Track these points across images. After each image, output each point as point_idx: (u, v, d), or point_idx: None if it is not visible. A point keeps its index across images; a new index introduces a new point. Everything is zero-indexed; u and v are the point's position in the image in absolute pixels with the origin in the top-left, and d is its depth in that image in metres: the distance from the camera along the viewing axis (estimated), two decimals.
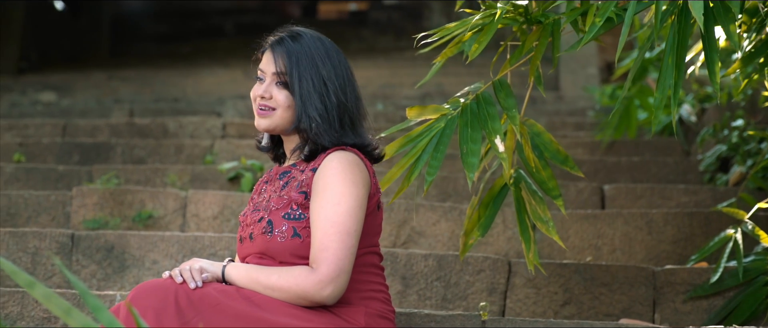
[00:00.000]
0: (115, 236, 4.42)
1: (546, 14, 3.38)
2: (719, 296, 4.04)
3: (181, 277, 2.84)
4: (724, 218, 4.66)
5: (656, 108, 3.16)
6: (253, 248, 2.99)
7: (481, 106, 3.40)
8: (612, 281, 4.10)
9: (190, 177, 5.58)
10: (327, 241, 2.84)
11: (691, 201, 5.23)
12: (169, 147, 6.31)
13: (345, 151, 2.97)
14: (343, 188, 2.88)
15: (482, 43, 3.31)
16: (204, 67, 11.60)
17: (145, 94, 9.98)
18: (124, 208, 5.02)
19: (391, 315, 3.00)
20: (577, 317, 4.09)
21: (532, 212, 3.60)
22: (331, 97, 2.98)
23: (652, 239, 4.69)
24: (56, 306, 2.04)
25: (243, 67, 11.39)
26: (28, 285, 2.03)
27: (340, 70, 3.03)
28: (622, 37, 2.96)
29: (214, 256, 4.34)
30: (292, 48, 3.00)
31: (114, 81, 10.91)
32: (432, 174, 3.31)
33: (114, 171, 5.54)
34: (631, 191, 5.32)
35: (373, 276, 3.00)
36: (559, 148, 3.71)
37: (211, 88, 10.17)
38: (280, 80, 3.02)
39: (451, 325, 3.51)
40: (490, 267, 4.16)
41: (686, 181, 5.84)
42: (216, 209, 4.96)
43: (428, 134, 3.40)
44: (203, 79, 10.64)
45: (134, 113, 8.33)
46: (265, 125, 3.06)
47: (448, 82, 10.26)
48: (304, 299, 2.84)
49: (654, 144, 6.64)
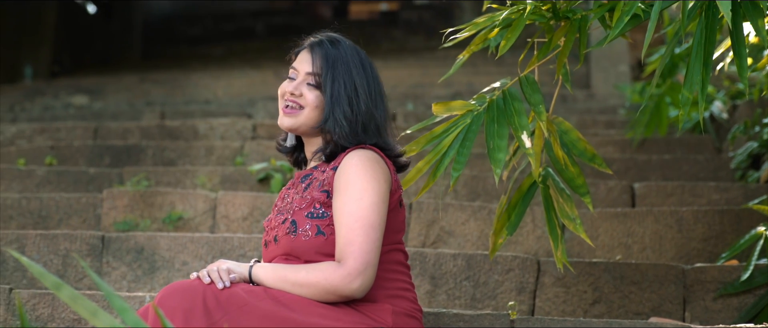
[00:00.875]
0: (145, 238, 4.44)
1: (573, 10, 3.37)
2: (750, 294, 4.01)
3: (208, 278, 2.85)
4: (756, 216, 4.63)
5: (683, 105, 3.15)
6: (278, 250, 3.00)
7: (508, 102, 3.39)
8: (642, 279, 4.08)
9: (220, 178, 5.60)
10: (352, 235, 2.86)
11: (722, 198, 5.20)
12: (200, 149, 6.34)
13: (364, 149, 3.00)
14: (364, 183, 2.91)
15: (510, 39, 3.30)
16: (235, 69, 11.64)
17: (177, 96, 10.02)
18: (154, 210, 5.05)
19: (419, 314, 3.01)
20: (607, 315, 4.07)
21: (560, 210, 3.59)
22: (360, 105, 3.02)
23: (683, 237, 4.66)
24: (83, 308, 2.05)
25: (274, 69, 11.42)
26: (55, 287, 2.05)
27: (372, 82, 3.07)
28: (648, 33, 2.94)
29: (243, 257, 4.35)
30: (330, 51, 3.05)
31: (146, 83, 10.97)
32: (458, 170, 3.30)
33: (144, 173, 5.57)
34: (661, 189, 5.29)
35: (399, 274, 3.00)
36: (587, 145, 3.69)
37: (242, 90, 10.20)
38: (313, 81, 3.05)
39: (480, 324, 3.50)
40: (519, 266, 4.15)
41: (717, 178, 5.80)
42: (246, 210, 4.97)
43: (454, 130, 3.40)
44: (234, 81, 10.67)
45: (165, 115, 8.37)
46: (289, 124, 3.09)
47: (478, 81, 10.24)
48: (333, 294, 2.85)
49: (685, 141, 6.60)
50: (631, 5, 3.03)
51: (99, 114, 8.59)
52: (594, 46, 3.30)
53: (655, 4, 2.95)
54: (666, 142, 6.58)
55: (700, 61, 3.04)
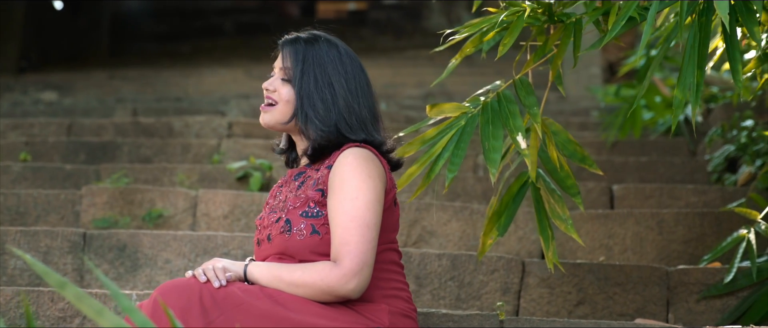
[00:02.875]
0: (128, 235, 4.41)
1: (567, 14, 3.39)
2: (733, 296, 4.04)
3: (204, 276, 2.83)
4: (735, 218, 4.66)
5: (676, 107, 3.17)
6: (272, 249, 2.99)
7: (502, 104, 3.40)
8: (626, 280, 4.10)
9: (198, 176, 5.57)
10: (347, 235, 2.85)
11: (700, 201, 5.23)
12: (176, 146, 6.31)
13: (359, 148, 2.98)
14: (359, 182, 2.90)
15: (508, 42, 3.31)
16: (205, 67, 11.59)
17: (147, 93, 9.97)
18: (134, 207, 5.02)
19: (414, 314, 3.01)
20: (591, 316, 4.09)
21: (551, 211, 3.60)
22: (337, 100, 3.00)
23: (663, 239, 4.69)
24: (88, 307, 2.03)
25: (245, 67, 11.39)
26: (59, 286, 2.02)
27: (353, 76, 3.05)
28: (644, 35, 2.96)
29: (227, 255, 4.34)
30: (301, 47, 3.05)
31: (115, 80, 10.90)
32: (453, 172, 3.31)
33: (124, 170, 5.53)
34: (640, 190, 5.32)
35: (394, 274, 3.00)
36: (577, 147, 3.72)
37: (213, 88, 10.16)
38: (284, 76, 3.04)
39: (469, 324, 3.51)
40: (504, 267, 4.16)
41: (694, 181, 5.84)
42: (226, 209, 4.95)
43: (448, 132, 3.40)
44: (205, 79, 10.63)
45: (138, 112, 8.32)
46: (265, 120, 3.10)
47: (451, 81, 10.27)
48: (329, 294, 2.84)
49: (660, 144, 6.65)
50: (627, 7, 3.05)
51: (70, 110, 8.53)
52: (588, 49, 3.31)
53: (652, 7, 2.97)
54: (641, 145, 6.62)
55: (694, 64, 3.06)
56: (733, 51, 3.06)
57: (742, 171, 5.46)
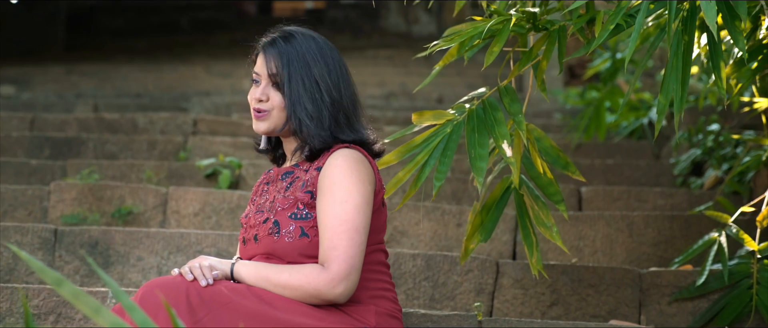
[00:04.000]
0: (99, 232, 4.38)
1: (551, 21, 3.41)
2: (704, 299, 4.08)
3: (191, 274, 2.82)
4: (704, 221, 4.72)
5: (659, 113, 3.20)
6: (259, 249, 2.97)
7: (488, 111, 3.41)
8: (599, 282, 4.13)
9: (166, 173, 5.54)
10: (336, 239, 2.84)
11: (667, 204, 5.29)
12: (142, 143, 6.27)
13: (349, 149, 2.97)
14: (349, 185, 2.88)
15: (495, 50, 3.32)
16: (164, 63, 11.52)
17: (106, 88, 9.89)
18: (104, 203, 4.98)
19: (399, 314, 3.01)
20: (565, 317, 4.12)
21: (535, 217, 3.62)
22: (324, 97, 2.97)
23: (633, 241, 4.73)
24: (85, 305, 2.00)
25: (204, 64, 11.34)
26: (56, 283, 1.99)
27: (334, 67, 3.01)
28: (631, 42, 2.98)
29: (200, 253, 4.32)
30: (283, 49, 2.99)
31: (73, 75, 10.80)
32: (440, 179, 3.31)
33: (93, 166, 5.49)
34: (608, 193, 5.37)
35: (380, 274, 3.00)
36: (560, 153, 3.74)
37: (172, 84, 10.10)
38: (275, 81, 3.01)
39: (448, 324, 3.52)
40: (479, 268, 4.18)
41: (659, 184, 5.90)
42: (197, 206, 4.93)
43: (434, 139, 3.41)
44: (164, 75, 10.56)
45: (99, 108, 8.26)
46: (264, 128, 3.04)
47: (410, 81, 10.30)
48: (316, 298, 2.83)
49: (624, 147, 6.71)
50: (615, 14, 3.07)
51: (29, 105, 8.44)
52: (573, 55, 3.33)
53: (639, 14, 2.99)
54: (605, 147, 6.67)
55: (679, 69, 3.08)
56: (716, 58, 3.09)
57: (708, 175, 5.52)
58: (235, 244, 4.33)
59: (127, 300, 1.99)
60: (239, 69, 10.86)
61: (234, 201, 4.92)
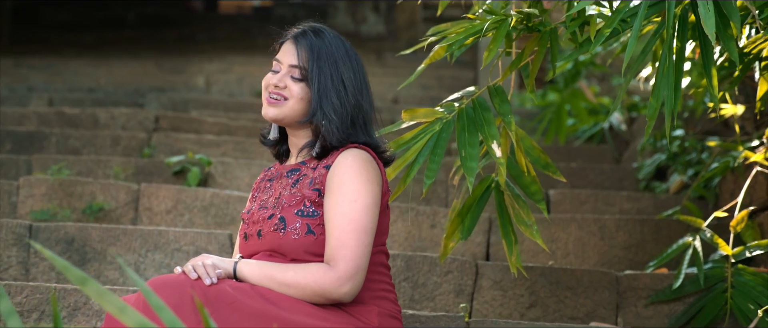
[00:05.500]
0: (76, 229, 4.33)
1: (543, 23, 3.44)
2: (679, 302, 4.15)
3: (195, 273, 2.80)
4: (674, 225, 4.79)
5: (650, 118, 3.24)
6: (263, 246, 2.97)
7: (478, 111, 3.44)
8: (576, 284, 4.18)
9: (134, 169, 5.50)
10: (344, 238, 2.85)
11: (634, 208, 5.35)
12: (105, 138, 6.21)
13: (358, 149, 2.98)
14: (358, 186, 2.89)
15: (492, 50, 3.35)
16: (114, 58, 11.39)
17: (58, 83, 9.77)
18: (74, 199, 4.93)
19: (399, 315, 3.03)
20: (543, 319, 4.15)
21: (516, 217, 3.65)
22: (349, 97, 2.99)
23: (605, 244, 4.79)
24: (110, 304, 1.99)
25: (155, 59, 11.24)
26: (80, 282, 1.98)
27: (358, 72, 3.04)
28: (628, 48, 3.02)
29: (178, 252, 4.29)
30: (314, 43, 3.01)
31: (22, 69, 10.64)
32: (431, 177, 3.33)
33: (64, 161, 5.42)
34: (575, 196, 5.42)
35: (382, 275, 3.01)
36: (541, 153, 3.78)
37: (125, 80, 10.00)
38: (298, 73, 3.02)
39: (436, 325, 3.54)
40: (458, 269, 4.20)
41: (622, 187, 5.97)
42: (169, 204, 4.90)
43: (423, 137, 3.42)
44: (116, 70, 10.44)
45: (54, 102, 8.16)
46: (274, 114, 3.04)
47: None
48: (322, 296, 2.83)
49: (585, 150, 6.77)
50: (612, 19, 3.11)
51: None
52: (567, 57, 3.37)
53: (637, 20, 3.03)
54: (567, 151, 6.73)
55: (671, 75, 3.13)
56: (708, 65, 3.14)
57: (673, 179, 5.60)
58: (214, 242, 4.31)
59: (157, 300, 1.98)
60: (191, 65, 10.79)
61: (207, 199, 4.89)
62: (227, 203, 4.88)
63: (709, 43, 3.12)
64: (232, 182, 5.47)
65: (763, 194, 4.65)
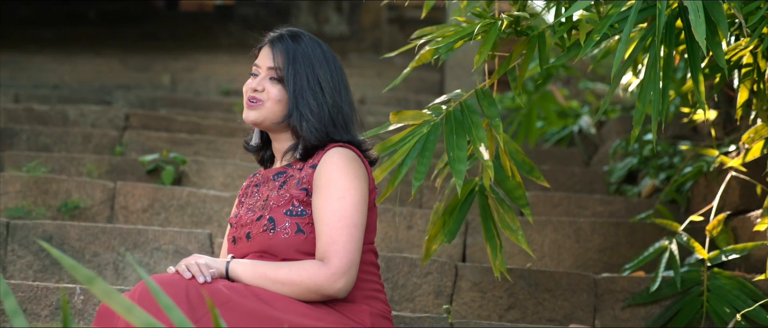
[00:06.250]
0: (54, 227, 4.31)
1: (532, 27, 3.46)
2: (656, 305, 4.19)
3: (189, 272, 2.80)
4: (648, 229, 4.84)
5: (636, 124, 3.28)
6: (252, 247, 2.98)
7: (465, 113, 3.46)
8: (555, 287, 4.21)
9: (107, 167, 5.47)
10: (335, 234, 2.87)
11: (606, 211, 5.40)
12: (77, 136, 6.16)
13: (343, 148, 3.02)
14: (346, 182, 2.93)
15: (483, 52, 3.37)
16: (78, 55, 11.31)
17: (22, 78, 9.68)
18: (49, 197, 4.89)
19: (390, 315, 3.04)
20: (522, 321, 4.18)
21: (501, 220, 3.67)
22: (325, 98, 3.04)
23: (580, 247, 4.83)
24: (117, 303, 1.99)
25: (119, 57, 11.18)
26: (87, 281, 1.98)
27: (336, 74, 3.09)
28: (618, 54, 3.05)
29: (158, 251, 4.28)
30: (290, 46, 3.06)
31: None
32: (419, 179, 3.35)
33: (40, 159, 5.38)
34: (548, 198, 5.46)
35: (372, 275, 3.03)
36: (525, 158, 3.81)
37: (89, 76, 9.93)
38: (275, 75, 3.06)
39: (420, 326, 3.56)
40: (438, 270, 4.22)
41: (593, 191, 6.02)
42: (146, 202, 4.88)
43: (411, 139, 3.44)
44: (80, 67, 10.37)
45: (20, 98, 8.09)
46: (253, 117, 3.08)
47: None
48: (316, 293, 2.85)
49: (554, 153, 6.82)
50: (603, 24, 3.14)
51: None
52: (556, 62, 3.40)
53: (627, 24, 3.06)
54: (536, 153, 6.77)
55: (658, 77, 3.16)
56: (695, 71, 3.18)
57: (644, 183, 5.66)
58: (194, 241, 4.30)
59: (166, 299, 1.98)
60: (156, 63, 10.74)
61: (183, 198, 4.88)
62: (204, 202, 4.87)
63: (697, 50, 3.17)
64: (207, 181, 5.46)
65: (736, 199, 4.71)
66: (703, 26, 2.93)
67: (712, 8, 3.07)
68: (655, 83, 3.19)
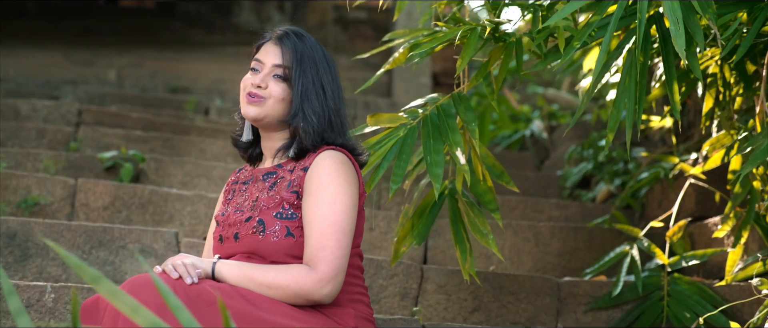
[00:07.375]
0: (18, 224, 4.27)
1: (509, 33, 3.51)
2: (618, 309, 4.26)
3: (176, 272, 2.80)
4: (606, 233, 4.91)
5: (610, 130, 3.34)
6: (241, 248, 2.98)
7: (442, 118, 3.49)
8: (519, 290, 4.26)
9: (65, 164, 5.42)
10: (324, 240, 2.88)
11: (562, 215, 5.47)
12: (30, 131, 6.10)
13: (336, 151, 3.02)
14: (337, 187, 2.93)
15: (465, 59, 3.40)
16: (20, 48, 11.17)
17: None
18: (9, 193, 4.84)
19: (373, 318, 3.06)
20: (486, 324, 4.23)
21: (471, 224, 3.71)
22: (327, 101, 3.03)
23: (539, 251, 4.89)
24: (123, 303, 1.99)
25: (62, 51, 11.06)
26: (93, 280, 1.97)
27: (336, 77, 3.10)
28: (598, 61, 3.11)
29: (123, 249, 4.26)
30: (298, 45, 3.05)
31: None
32: (396, 183, 3.38)
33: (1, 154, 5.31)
34: (505, 202, 5.51)
35: (357, 278, 3.05)
36: (495, 162, 3.85)
37: (34, 71, 9.82)
38: (280, 73, 3.05)
39: (391, 327, 3.58)
40: (403, 272, 4.25)
41: (547, 195, 6.09)
42: (107, 200, 4.85)
43: (387, 142, 3.47)
44: (24, 61, 10.24)
45: None
46: (254, 113, 3.06)
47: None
48: (302, 298, 2.86)
49: (506, 157, 6.88)
50: (583, 32, 3.19)
51: None
52: (534, 68, 3.44)
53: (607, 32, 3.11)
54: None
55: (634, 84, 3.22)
56: (670, 80, 3.25)
57: (599, 188, 5.74)
58: (160, 240, 4.29)
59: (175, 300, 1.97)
60: (100, 58, 10.64)
61: (145, 196, 4.86)
62: (166, 201, 4.86)
63: (672, 59, 3.23)
64: (165, 180, 5.44)
65: (693, 206, 4.81)
66: (683, 38, 3.00)
67: (689, 19, 3.13)
68: (631, 90, 3.25)
